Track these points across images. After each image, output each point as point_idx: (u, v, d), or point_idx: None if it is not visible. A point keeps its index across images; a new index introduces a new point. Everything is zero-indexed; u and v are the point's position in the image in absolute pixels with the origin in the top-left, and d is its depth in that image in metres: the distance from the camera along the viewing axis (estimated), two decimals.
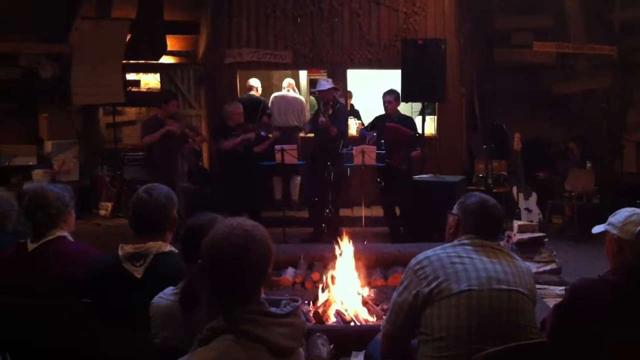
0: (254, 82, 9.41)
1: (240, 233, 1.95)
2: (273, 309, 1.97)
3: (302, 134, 8.99)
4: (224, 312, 1.92)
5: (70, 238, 3.24)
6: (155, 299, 2.55)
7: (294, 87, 9.73)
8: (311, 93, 11.21)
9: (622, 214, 2.79)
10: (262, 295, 2.01)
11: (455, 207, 2.90)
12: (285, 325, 1.96)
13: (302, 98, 9.69)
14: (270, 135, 8.34)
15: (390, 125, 7.61)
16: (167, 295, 2.55)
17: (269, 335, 1.89)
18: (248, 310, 1.91)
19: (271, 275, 2.06)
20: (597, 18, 9.90)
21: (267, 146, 8.09)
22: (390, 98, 7.76)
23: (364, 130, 8.00)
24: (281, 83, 9.94)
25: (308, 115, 9.23)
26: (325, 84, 7.88)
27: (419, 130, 7.87)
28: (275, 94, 9.52)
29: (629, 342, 2.55)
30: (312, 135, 8.42)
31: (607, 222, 2.84)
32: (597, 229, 2.92)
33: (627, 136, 9.83)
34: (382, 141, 7.60)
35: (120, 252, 2.84)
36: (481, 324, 2.51)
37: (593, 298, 2.62)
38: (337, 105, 7.96)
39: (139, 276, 2.78)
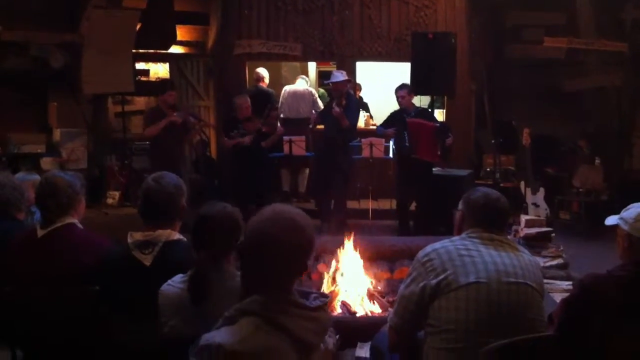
0: (262, 71, 9.39)
1: (286, 219, 1.96)
2: (302, 302, 1.97)
3: (312, 126, 8.98)
4: (255, 296, 1.92)
5: (79, 225, 3.25)
6: (164, 287, 2.56)
7: (306, 79, 9.73)
8: (323, 84, 11.20)
9: (634, 210, 2.77)
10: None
11: (460, 202, 2.90)
12: (312, 320, 1.96)
13: (313, 90, 9.68)
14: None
15: (411, 121, 7.49)
16: (176, 282, 2.56)
17: (295, 327, 1.89)
18: (279, 299, 1.92)
19: (309, 266, 2.06)
20: (609, 16, 9.84)
21: (274, 141, 8.08)
22: (403, 92, 7.66)
23: (381, 128, 7.89)
24: (290, 75, 9.94)
25: (320, 107, 9.23)
26: (340, 75, 7.85)
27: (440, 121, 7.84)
28: (287, 87, 9.51)
29: (637, 338, 2.55)
30: (322, 127, 8.41)
31: (619, 216, 2.83)
32: (609, 220, 2.91)
33: (637, 133, 9.79)
34: (405, 136, 7.51)
35: (129, 240, 2.85)
36: (489, 317, 2.51)
37: (602, 293, 2.61)
38: (349, 97, 7.95)
39: (147, 264, 2.80)
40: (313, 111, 9.08)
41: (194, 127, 7.90)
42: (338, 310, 4.43)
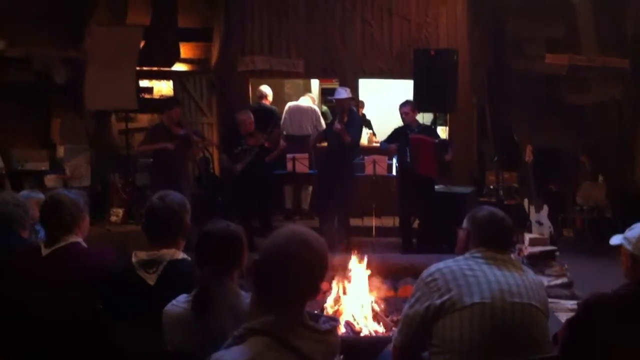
0: (266, 89, 9.41)
1: (301, 241, 1.95)
2: (313, 324, 1.96)
3: (312, 145, 8.98)
4: (267, 316, 1.91)
5: (83, 244, 3.25)
6: (168, 307, 2.56)
7: (313, 98, 9.76)
8: (327, 101, 11.23)
9: (637, 230, 2.77)
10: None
11: (465, 220, 2.90)
12: (322, 342, 1.95)
13: (317, 108, 9.71)
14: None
15: (414, 137, 7.52)
16: (180, 302, 2.56)
17: (305, 349, 1.88)
18: (291, 319, 1.91)
19: (322, 289, 2.06)
20: (610, 29, 9.87)
21: (276, 156, 8.09)
22: (407, 109, 7.69)
23: (384, 144, 7.92)
24: (293, 92, 9.96)
25: (323, 124, 9.24)
26: (343, 92, 7.90)
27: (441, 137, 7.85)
28: (290, 103, 9.54)
29: None
30: (324, 144, 8.42)
31: (623, 236, 2.83)
32: (614, 240, 2.91)
33: (639, 147, 9.79)
34: (407, 152, 7.53)
35: (133, 259, 2.85)
36: (493, 337, 2.50)
37: (607, 313, 2.61)
38: (352, 114, 7.97)
39: (152, 283, 2.80)
40: (316, 129, 9.11)
41: (197, 144, 7.91)
42: (342, 329, 4.42)
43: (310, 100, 9.54)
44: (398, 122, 7.90)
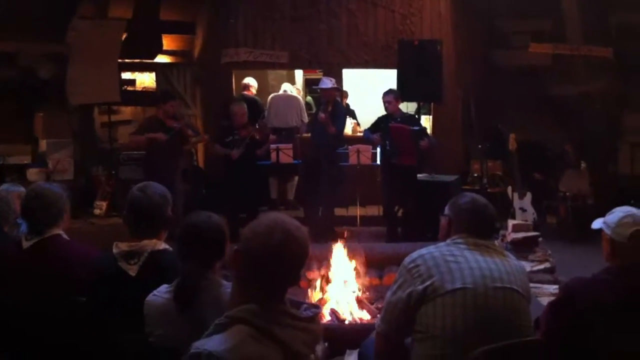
0: (250, 81, 9.39)
1: (281, 230, 1.94)
2: (294, 312, 1.96)
3: (300, 135, 8.98)
4: (247, 304, 1.90)
5: (65, 236, 3.23)
6: (150, 297, 2.55)
7: (290, 87, 9.74)
8: (311, 91, 11.22)
9: (615, 215, 2.80)
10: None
11: (447, 207, 2.91)
12: (304, 330, 1.95)
13: (300, 98, 9.69)
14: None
15: (393, 125, 7.56)
16: (161, 293, 2.55)
17: (286, 337, 1.88)
18: (272, 308, 1.91)
19: (302, 276, 2.06)
20: (595, 21, 9.91)
21: (267, 149, 8.08)
22: (390, 98, 7.71)
23: (368, 132, 7.95)
24: (277, 83, 9.94)
25: (306, 115, 9.23)
26: (328, 82, 7.92)
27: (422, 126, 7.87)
28: (273, 94, 9.51)
29: (623, 340, 2.56)
30: (309, 135, 8.42)
31: (603, 220, 2.86)
32: (595, 224, 2.95)
33: (623, 138, 9.86)
34: (387, 141, 7.57)
35: (114, 250, 2.84)
36: (476, 322, 2.51)
37: (587, 297, 2.63)
38: (336, 104, 7.97)
39: (133, 274, 2.79)
40: (301, 120, 9.11)
41: (190, 139, 7.86)
42: (327, 317, 4.43)
43: (292, 88, 9.52)
44: (382, 112, 7.91)
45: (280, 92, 9.53)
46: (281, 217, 2.00)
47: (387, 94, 7.75)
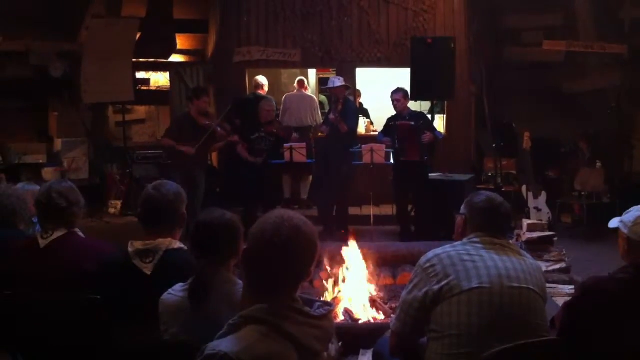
0: (262, 79, 9.39)
1: (290, 226, 1.93)
2: (306, 309, 1.95)
3: (320, 134, 8.95)
4: (259, 303, 1.90)
5: (80, 234, 3.25)
6: (165, 296, 2.56)
7: (306, 86, 9.72)
8: (322, 91, 11.21)
9: (633, 214, 2.77)
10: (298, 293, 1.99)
11: (462, 206, 2.89)
12: (317, 328, 1.94)
13: (314, 97, 9.69)
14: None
15: (400, 123, 7.59)
16: (176, 291, 2.55)
17: (300, 335, 1.87)
18: (284, 306, 1.90)
19: (312, 273, 2.05)
20: (608, 16, 9.83)
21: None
22: (398, 96, 7.74)
23: (381, 135, 7.98)
24: (290, 82, 9.93)
25: (320, 114, 9.23)
26: (337, 81, 7.91)
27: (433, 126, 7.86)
28: (288, 93, 9.51)
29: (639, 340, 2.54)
30: (322, 134, 8.42)
31: (619, 219, 2.83)
32: (612, 223, 2.92)
33: (637, 135, 9.78)
34: (396, 140, 7.58)
35: (130, 249, 2.85)
36: (492, 322, 2.50)
37: (604, 296, 2.61)
38: (347, 102, 7.97)
39: (148, 272, 2.79)
40: (315, 120, 9.12)
41: (222, 139, 7.75)
42: (341, 317, 4.43)
43: (301, 87, 9.52)
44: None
45: (295, 84, 9.52)
46: (288, 214, 2.00)
47: (396, 92, 7.78)
